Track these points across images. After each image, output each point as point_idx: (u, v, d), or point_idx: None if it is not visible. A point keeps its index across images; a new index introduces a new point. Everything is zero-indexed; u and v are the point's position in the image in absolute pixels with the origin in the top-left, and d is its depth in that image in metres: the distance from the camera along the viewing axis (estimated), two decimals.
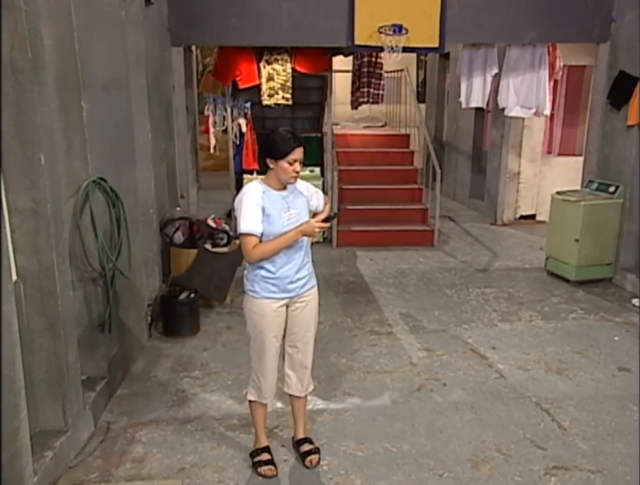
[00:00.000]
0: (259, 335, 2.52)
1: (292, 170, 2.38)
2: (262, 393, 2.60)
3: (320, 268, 5.90)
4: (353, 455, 2.76)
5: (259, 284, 2.48)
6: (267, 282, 2.47)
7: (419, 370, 3.63)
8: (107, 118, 3.25)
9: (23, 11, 2.25)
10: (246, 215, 2.36)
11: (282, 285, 2.48)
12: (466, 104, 6.37)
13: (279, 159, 2.36)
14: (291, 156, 2.36)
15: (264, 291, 2.48)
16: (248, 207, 2.37)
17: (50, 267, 2.53)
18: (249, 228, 2.36)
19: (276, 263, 2.44)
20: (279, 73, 6.17)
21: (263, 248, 2.38)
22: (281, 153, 2.35)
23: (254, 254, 2.38)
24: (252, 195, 2.39)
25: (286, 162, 2.36)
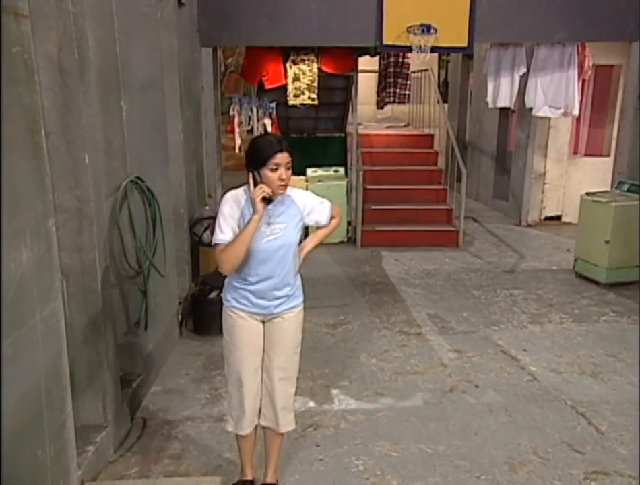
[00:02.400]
0: (232, 348, 2.31)
1: (276, 177, 2.09)
2: (240, 422, 2.36)
3: (345, 268, 5.92)
4: (388, 455, 2.75)
5: (230, 293, 2.29)
6: (238, 291, 2.27)
7: (450, 371, 3.61)
8: (143, 119, 3.29)
9: (72, 13, 2.29)
10: (221, 224, 2.16)
11: (261, 301, 2.26)
12: (493, 104, 6.31)
13: (261, 168, 2.10)
14: (272, 161, 2.08)
15: (235, 300, 2.28)
16: (224, 215, 2.17)
17: (92, 265, 2.57)
18: (218, 238, 2.14)
19: (254, 276, 2.22)
20: (305, 73, 6.18)
21: (226, 252, 2.11)
22: (261, 159, 2.10)
23: (222, 261, 2.12)
24: (230, 204, 2.19)
25: (268, 170, 2.09)
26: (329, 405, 3.22)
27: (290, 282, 2.29)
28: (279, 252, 2.21)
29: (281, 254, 2.22)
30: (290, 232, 2.22)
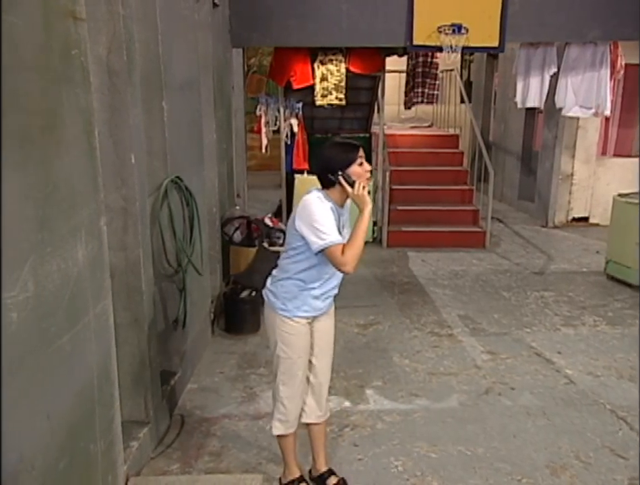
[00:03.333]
0: (292, 358, 2.31)
1: (364, 170, 2.21)
2: (289, 423, 2.41)
3: (372, 268, 5.92)
4: (427, 456, 2.74)
5: (292, 302, 2.26)
6: (301, 298, 2.26)
7: (484, 373, 3.59)
8: (182, 119, 3.33)
9: (121, 16, 2.32)
10: (324, 225, 2.09)
11: (317, 303, 2.29)
12: (522, 104, 6.24)
13: (349, 167, 2.16)
14: (358, 155, 2.19)
15: (297, 309, 2.27)
16: (324, 217, 2.12)
17: (137, 263, 2.61)
18: (334, 239, 2.08)
19: (321, 280, 2.25)
20: (333, 73, 6.19)
21: (352, 250, 2.08)
22: (350, 158, 2.18)
23: (349, 260, 2.06)
24: (323, 205, 2.15)
25: (357, 165, 2.18)
26: (365, 405, 3.22)
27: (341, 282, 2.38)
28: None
29: None
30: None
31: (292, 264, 2.26)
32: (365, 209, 2.13)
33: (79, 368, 1.91)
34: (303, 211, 2.16)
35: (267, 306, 2.37)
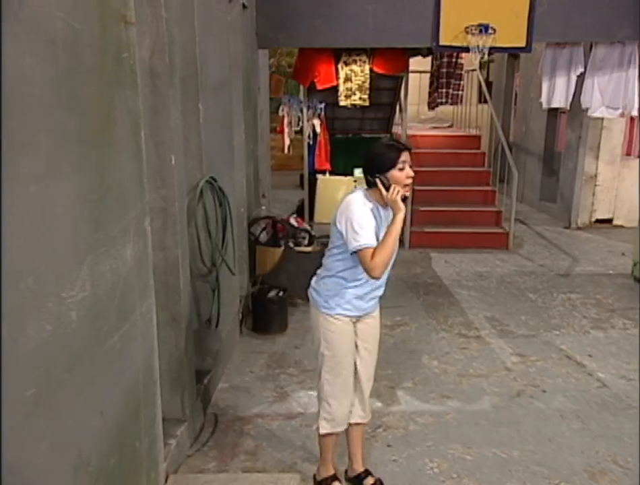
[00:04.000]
0: (337, 357, 2.31)
1: (404, 176, 2.15)
2: (335, 421, 2.38)
3: (396, 269, 5.81)
4: (462, 458, 2.73)
5: (333, 299, 2.28)
6: (344, 297, 2.27)
7: (515, 376, 3.56)
8: (215, 120, 3.35)
9: (164, 18, 2.35)
10: (362, 227, 2.09)
11: (360, 303, 2.29)
12: (547, 105, 6.19)
13: (389, 170, 2.13)
14: (400, 159, 2.13)
15: (340, 307, 2.28)
16: (363, 218, 2.12)
17: (175, 263, 2.63)
18: (367, 241, 2.07)
19: (364, 279, 2.22)
20: (357, 74, 6.19)
21: (381, 256, 2.06)
22: (390, 161, 2.14)
23: (378, 265, 2.05)
24: (364, 207, 2.15)
25: (397, 170, 2.14)
26: (396, 406, 3.22)
27: (385, 282, 2.36)
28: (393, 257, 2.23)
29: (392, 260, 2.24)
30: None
31: (334, 262, 2.27)
32: (398, 214, 2.11)
33: (128, 366, 1.94)
34: (345, 210, 2.17)
35: (312, 304, 2.38)
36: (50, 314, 1.39)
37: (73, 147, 1.51)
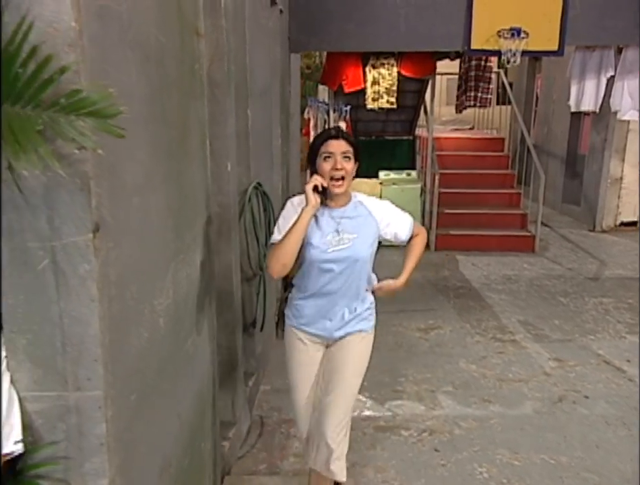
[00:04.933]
0: (288, 371, 2.12)
1: (329, 167, 1.87)
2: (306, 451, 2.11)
3: (423, 272, 5.91)
4: (510, 464, 2.74)
5: (290, 308, 2.10)
6: (296, 306, 2.06)
7: (555, 381, 3.56)
8: (259, 125, 3.38)
9: (224, 28, 2.38)
10: (276, 226, 1.97)
11: (313, 317, 2.02)
12: (576, 108, 6.17)
13: (316, 159, 1.91)
14: (323, 148, 1.88)
15: (294, 317, 2.07)
16: (282, 216, 1.98)
17: (229, 268, 2.67)
18: (275, 238, 1.94)
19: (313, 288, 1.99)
20: (384, 77, 6.20)
21: (274, 251, 1.86)
22: (315, 149, 1.91)
23: (270, 260, 1.87)
24: (289, 208, 1.99)
25: (322, 159, 1.88)
26: (438, 411, 3.23)
27: (356, 302, 2.02)
28: (346, 265, 1.93)
29: (348, 268, 1.94)
30: (361, 245, 1.95)
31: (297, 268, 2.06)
32: (306, 206, 1.84)
33: (197, 371, 1.98)
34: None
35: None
36: (146, 322, 1.43)
37: (162, 158, 1.55)
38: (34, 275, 1.11)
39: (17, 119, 0.87)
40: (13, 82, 0.87)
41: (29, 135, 0.86)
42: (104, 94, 0.94)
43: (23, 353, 1.15)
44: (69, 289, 1.12)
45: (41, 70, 0.87)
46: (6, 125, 0.86)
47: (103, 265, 1.14)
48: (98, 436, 1.19)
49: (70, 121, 0.89)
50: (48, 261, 1.10)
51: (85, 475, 1.21)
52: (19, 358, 1.15)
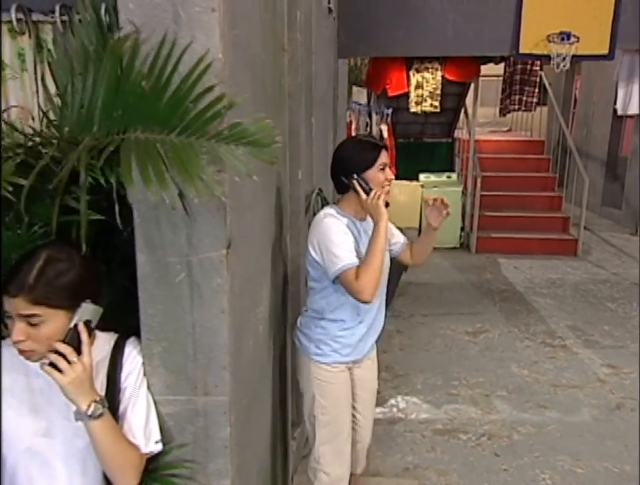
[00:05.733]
0: (333, 415, 1.93)
1: (384, 178, 1.82)
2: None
3: (465, 274, 5.89)
4: (573, 471, 2.73)
5: (326, 344, 1.87)
6: (338, 339, 1.87)
7: (610, 388, 3.52)
8: (320, 131, 3.43)
9: (299, 42, 2.43)
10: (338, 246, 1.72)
11: (361, 344, 1.92)
12: (623, 111, 6.07)
13: (366, 170, 1.79)
14: (380, 160, 1.81)
15: (335, 352, 1.88)
16: (338, 234, 1.75)
17: (297, 272, 2.71)
18: (348, 260, 1.69)
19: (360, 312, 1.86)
20: (428, 81, 6.19)
21: (369, 274, 1.65)
22: (368, 160, 1.80)
23: (366, 286, 1.64)
24: (338, 222, 1.79)
25: (377, 170, 1.80)
26: (495, 415, 3.23)
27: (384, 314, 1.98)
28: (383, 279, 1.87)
29: (383, 281, 1.88)
30: (387, 258, 1.91)
31: (318, 300, 1.89)
32: (380, 222, 1.72)
33: (279, 373, 2.03)
34: (316, 232, 1.80)
35: (299, 351, 1.97)
36: (252, 330, 1.49)
37: (263, 172, 1.60)
38: (170, 288, 1.18)
39: (182, 149, 0.92)
40: (182, 115, 0.92)
41: (194, 163, 0.91)
42: (262, 125, 0.99)
43: (159, 359, 1.21)
44: (202, 301, 1.18)
45: (213, 105, 0.92)
46: (175, 154, 0.91)
47: (231, 278, 1.20)
48: (223, 439, 1.25)
49: (230, 150, 0.94)
50: (185, 274, 1.16)
51: (210, 476, 1.27)
52: (155, 364, 1.22)
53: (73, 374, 1.02)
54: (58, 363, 1.01)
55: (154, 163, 0.90)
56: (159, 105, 0.95)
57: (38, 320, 1.03)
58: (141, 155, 0.91)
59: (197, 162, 0.91)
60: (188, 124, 0.93)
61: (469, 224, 6.78)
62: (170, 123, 0.95)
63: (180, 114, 0.93)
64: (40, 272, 1.03)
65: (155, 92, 0.94)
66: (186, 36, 1.04)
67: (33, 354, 1.06)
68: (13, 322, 1.04)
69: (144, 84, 0.95)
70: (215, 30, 1.03)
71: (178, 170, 0.90)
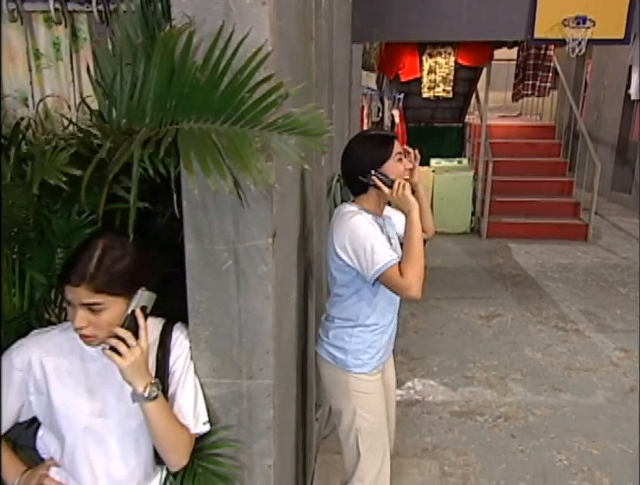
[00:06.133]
0: (375, 423, 1.82)
1: (403, 168, 1.76)
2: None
3: (477, 259, 5.90)
4: (589, 452, 2.77)
5: (367, 353, 1.76)
6: (372, 344, 1.77)
7: (624, 371, 3.55)
8: (338, 117, 3.42)
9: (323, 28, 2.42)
10: (376, 244, 1.60)
11: (389, 344, 1.87)
12: (636, 96, 6.01)
13: (383, 163, 1.71)
14: (396, 150, 1.74)
15: (373, 359, 1.78)
16: (372, 232, 1.65)
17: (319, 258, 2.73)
18: (390, 257, 1.58)
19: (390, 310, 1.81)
20: (441, 66, 6.14)
21: (415, 268, 1.56)
22: (386, 153, 1.73)
23: (414, 281, 1.54)
24: (365, 220, 1.69)
25: (395, 161, 1.73)
26: (510, 397, 3.27)
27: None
28: None
29: None
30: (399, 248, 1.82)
31: (352, 306, 1.75)
32: (412, 212, 1.65)
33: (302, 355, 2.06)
34: (345, 233, 1.66)
35: (331, 368, 1.81)
36: (288, 315, 1.51)
37: None
38: (217, 275, 1.20)
39: (236, 138, 0.94)
40: (237, 105, 0.94)
41: (249, 152, 0.93)
42: (314, 115, 1.00)
43: (205, 343, 1.24)
44: (247, 288, 1.20)
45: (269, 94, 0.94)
46: (230, 143, 0.92)
47: (276, 265, 1.22)
48: (266, 421, 1.28)
49: (283, 139, 0.95)
50: (232, 262, 1.18)
51: (253, 455, 1.31)
52: (201, 348, 1.24)
53: (132, 358, 1.05)
54: (119, 347, 1.04)
55: (211, 152, 0.91)
56: (214, 95, 0.96)
57: (99, 307, 1.06)
58: (198, 145, 0.93)
59: (251, 151, 0.92)
60: (242, 114, 0.95)
61: (480, 209, 6.76)
62: (225, 113, 0.96)
63: (235, 104, 0.94)
64: (99, 261, 1.05)
65: (211, 83, 0.95)
66: (237, 28, 1.04)
67: (94, 340, 1.09)
68: (74, 310, 1.06)
69: (199, 75, 0.96)
70: (266, 23, 1.04)
71: (235, 159, 0.92)
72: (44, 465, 1.20)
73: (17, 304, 1.27)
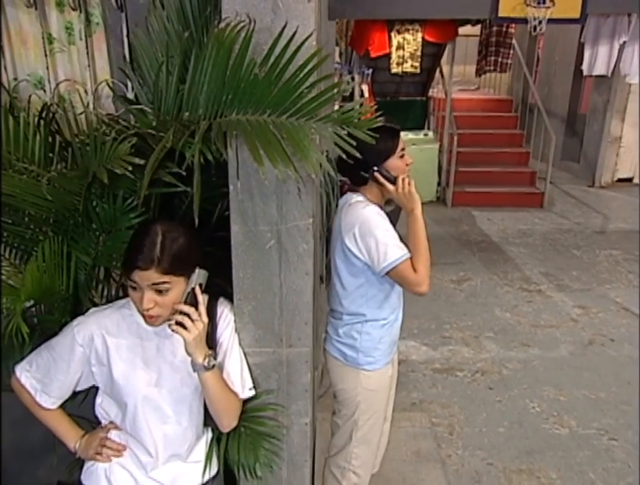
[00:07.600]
0: (372, 419, 1.79)
1: (404, 164, 1.67)
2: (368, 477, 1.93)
3: (445, 227, 6.09)
4: (557, 399, 3.00)
5: (378, 348, 1.71)
6: (384, 339, 1.73)
7: (582, 326, 3.81)
8: None
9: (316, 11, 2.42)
10: (389, 237, 1.56)
11: (394, 338, 1.79)
12: (589, 72, 6.20)
13: (387, 159, 1.63)
14: (400, 146, 1.66)
15: (384, 355, 1.74)
16: (385, 225, 1.59)
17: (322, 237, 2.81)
18: (403, 251, 1.55)
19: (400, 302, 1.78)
20: (409, 42, 6.17)
21: (424, 264, 1.55)
22: (389, 148, 1.63)
23: (425, 276, 1.55)
24: (376, 213, 1.62)
25: (397, 157, 1.65)
26: (485, 354, 3.47)
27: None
28: None
29: None
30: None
31: (359, 299, 1.69)
32: (415, 209, 1.60)
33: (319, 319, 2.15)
34: (360, 225, 1.58)
35: (340, 365, 1.78)
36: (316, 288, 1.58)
37: None
38: (261, 253, 1.25)
39: (294, 130, 0.98)
40: (296, 100, 0.98)
41: (307, 143, 0.98)
42: (366, 108, 1.05)
43: (248, 316, 1.30)
44: (289, 265, 1.26)
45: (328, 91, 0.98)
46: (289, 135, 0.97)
47: (314, 243, 1.28)
48: (304, 384, 1.36)
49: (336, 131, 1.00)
50: (274, 241, 1.24)
51: (291, 415, 1.39)
52: (244, 321, 1.30)
53: (196, 331, 1.10)
54: (185, 321, 1.09)
55: (275, 144, 0.96)
56: (271, 90, 0.99)
57: (166, 286, 1.10)
58: (260, 137, 0.97)
59: (309, 142, 0.97)
60: (300, 108, 0.99)
61: (446, 179, 6.94)
62: (282, 106, 1.00)
63: (293, 99, 0.98)
64: (162, 245, 1.09)
65: (269, 79, 0.99)
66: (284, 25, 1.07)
67: (157, 320, 1.13)
68: (140, 292, 1.10)
69: (256, 71, 0.99)
70: (311, 19, 1.07)
71: (294, 149, 0.97)
72: (104, 428, 1.25)
73: (64, 284, 1.29)
